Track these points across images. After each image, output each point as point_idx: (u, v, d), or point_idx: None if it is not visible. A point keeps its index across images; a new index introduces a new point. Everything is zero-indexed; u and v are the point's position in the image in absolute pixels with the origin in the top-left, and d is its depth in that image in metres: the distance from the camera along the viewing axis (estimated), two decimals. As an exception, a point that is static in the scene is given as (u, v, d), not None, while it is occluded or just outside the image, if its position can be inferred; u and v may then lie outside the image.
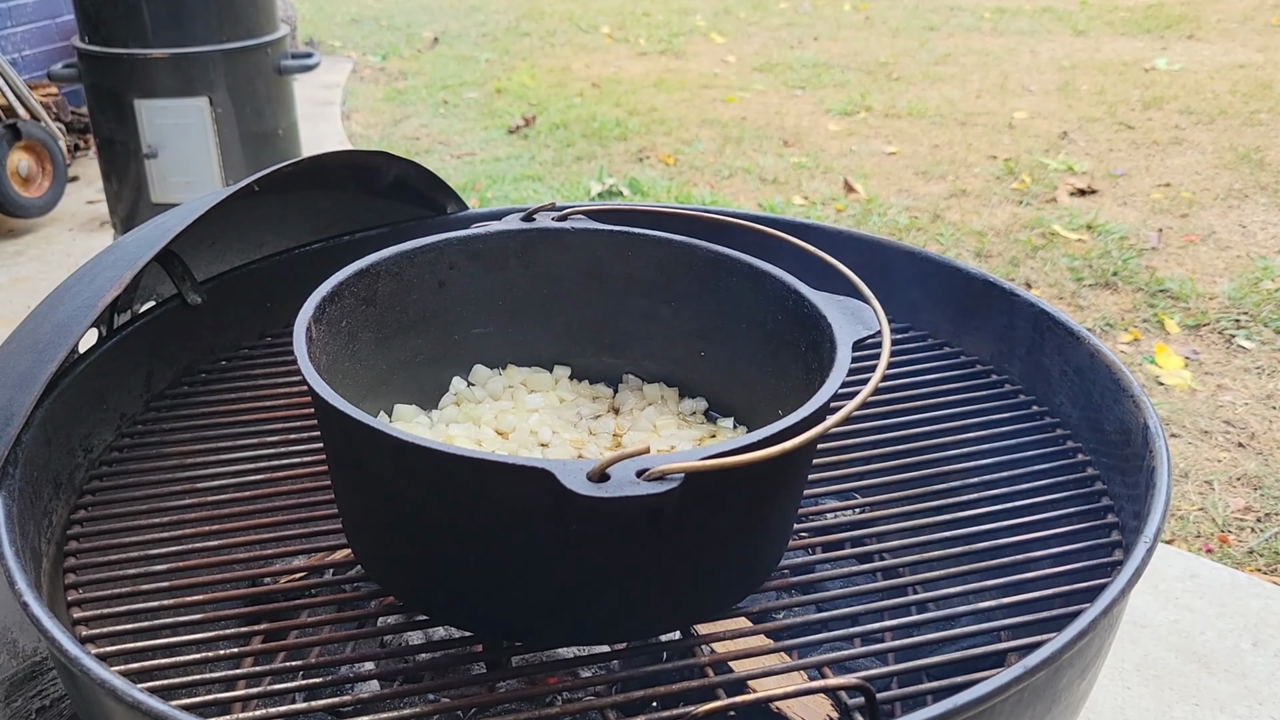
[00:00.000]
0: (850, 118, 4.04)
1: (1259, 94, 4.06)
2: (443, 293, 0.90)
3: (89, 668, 0.61)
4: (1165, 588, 1.49)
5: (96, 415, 0.94)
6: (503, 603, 0.67)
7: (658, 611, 0.70)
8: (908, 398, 1.00)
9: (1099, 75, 4.44)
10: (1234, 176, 3.27)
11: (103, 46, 2.26)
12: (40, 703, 0.93)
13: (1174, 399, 2.09)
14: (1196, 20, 5.37)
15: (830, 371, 0.71)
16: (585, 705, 0.67)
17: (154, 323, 1.02)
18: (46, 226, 3.16)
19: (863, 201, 3.15)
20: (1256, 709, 1.28)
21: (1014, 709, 0.62)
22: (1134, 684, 1.32)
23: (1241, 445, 1.96)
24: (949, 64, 4.76)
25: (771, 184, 3.36)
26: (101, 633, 0.72)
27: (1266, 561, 1.66)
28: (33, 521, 0.79)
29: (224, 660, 0.76)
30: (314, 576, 0.93)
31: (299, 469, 0.91)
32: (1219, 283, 2.57)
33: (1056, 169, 3.37)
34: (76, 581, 0.78)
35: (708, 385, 0.92)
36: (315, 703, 0.68)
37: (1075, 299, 2.52)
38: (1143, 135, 3.69)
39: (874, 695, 0.65)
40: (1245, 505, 1.79)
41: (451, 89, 4.59)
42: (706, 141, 3.78)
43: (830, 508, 0.99)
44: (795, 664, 0.70)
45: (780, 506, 0.73)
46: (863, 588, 0.78)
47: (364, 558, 0.75)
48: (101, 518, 0.85)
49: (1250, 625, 1.41)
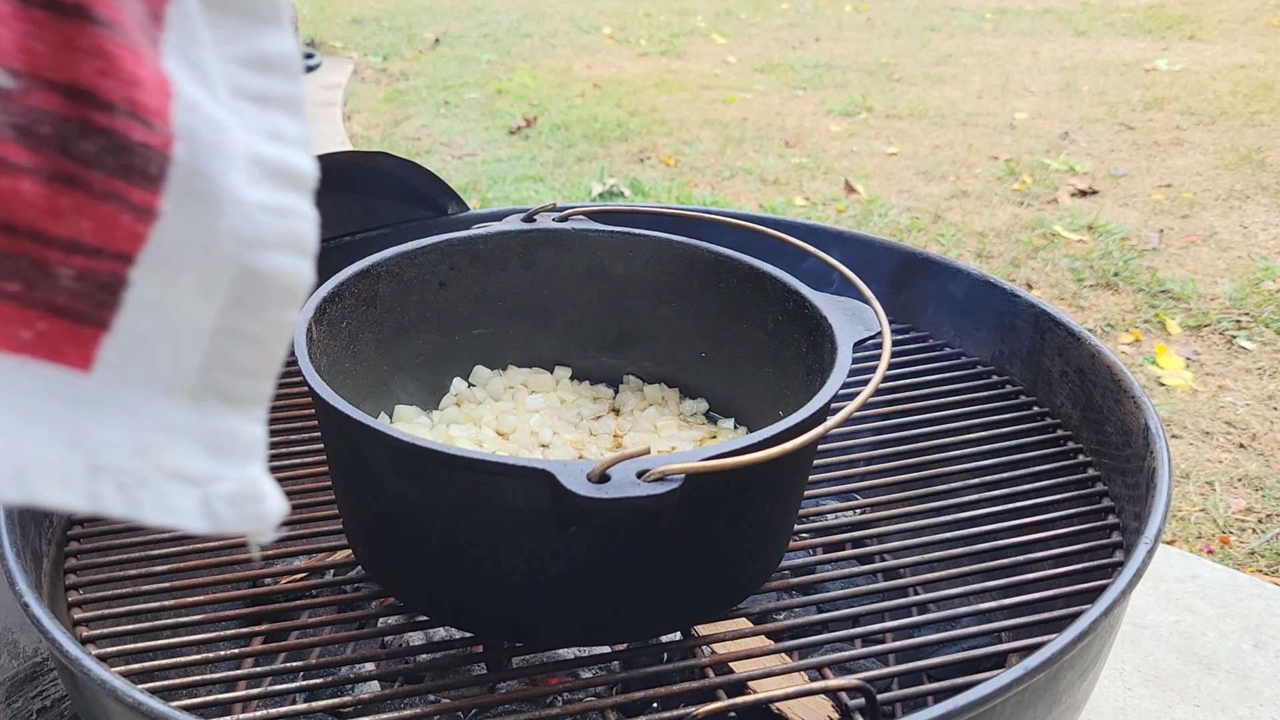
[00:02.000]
0: (851, 118, 4.04)
1: (1260, 94, 4.06)
2: (443, 293, 0.90)
3: (90, 668, 0.61)
4: (1166, 589, 1.48)
5: (97, 416, 0.94)
6: (503, 603, 0.67)
7: (658, 612, 0.70)
8: (909, 399, 1.00)
9: (1100, 76, 4.44)
10: (1235, 177, 3.27)
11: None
12: (41, 703, 0.93)
13: (1175, 400, 2.09)
14: (1198, 21, 5.37)
15: (831, 372, 0.71)
16: (586, 706, 0.67)
17: (155, 323, 1.02)
18: (48, 227, 3.17)
19: (864, 202, 3.15)
20: (1258, 710, 1.28)
21: (1015, 710, 0.62)
22: (1135, 685, 1.32)
23: (1243, 446, 1.96)
24: (950, 65, 4.76)
25: (772, 185, 3.36)
26: (102, 633, 0.72)
27: (1268, 562, 1.66)
28: (33, 522, 0.79)
29: (225, 661, 0.76)
30: (315, 577, 0.93)
31: (299, 469, 0.91)
32: (1220, 283, 2.57)
33: (1058, 170, 3.37)
34: (77, 582, 0.78)
35: (709, 386, 0.92)
36: (316, 703, 0.68)
37: (1076, 300, 2.52)
38: (1144, 136, 3.69)
39: (875, 696, 0.65)
40: (1246, 506, 1.79)
41: (453, 90, 4.59)
42: (707, 142, 3.78)
43: (831, 508, 0.99)
44: (796, 665, 0.70)
45: (781, 507, 0.73)
46: (864, 588, 0.78)
47: (364, 558, 0.75)
48: (102, 518, 0.85)
49: (1252, 626, 1.41)
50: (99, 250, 0.26)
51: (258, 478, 0.29)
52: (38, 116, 0.25)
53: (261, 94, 0.30)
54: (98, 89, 0.25)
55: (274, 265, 0.28)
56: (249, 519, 0.29)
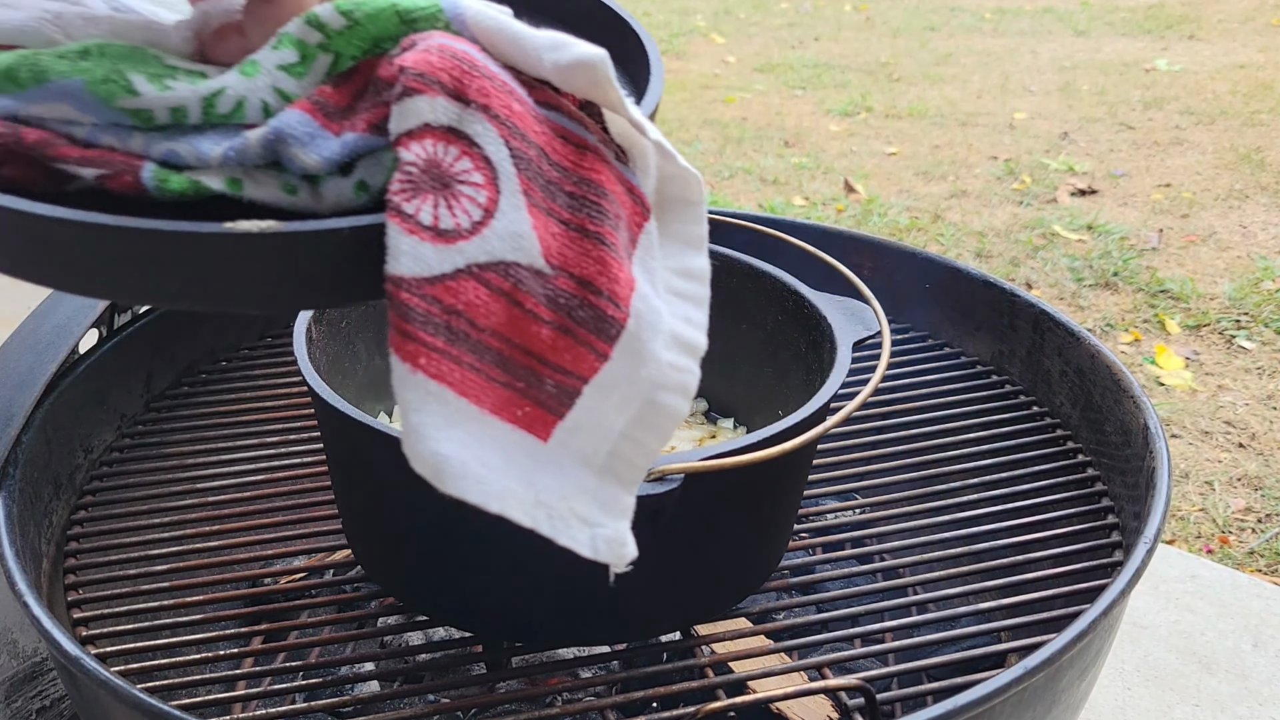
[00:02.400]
0: (851, 118, 4.04)
1: (1260, 94, 4.06)
2: (443, 293, 0.89)
3: (89, 668, 0.61)
4: (1165, 588, 1.49)
5: (97, 415, 0.94)
6: (502, 603, 0.67)
7: (658, 612, 0.70)
8: (908, 398, 1.00)
9: (1100, 75, 4.44)
10: (1235, 177, 3.27)
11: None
12: (40, 703, 0.93)
13: (1174, 399, 2.09)
14: (1197, 20, 5.37)
15: (830, 372, 0.71)
16: (585, 706, 0.67)
17: (154, 323, 1.02)
18: (47, 227, 3.17)
19: (863, 202, 3.15)
20: (1257, 710, 1.28)
21: (1014, 710, 0.62)
22: (1134, 685, 1.32)
23: (1242, 446, 1.96)
24: (950, 64, 4.76)
25: (772, 184, 3.36)
26: (102, 633, 0.72)
27: (1267, 562, 1.66)
28: (33, 522, 0.79)
29: (224, 660, 0.76)
30: (314, 577, 0.93)
31: (299, 469, 0.91)
32: (1220, 283, 2.57)
33: (1057, 169, 3.37)
34: (76, 582, 0.78)
35: (708, 386, 0.91)
36: (315, 703, 0.68)
37: (1076, 299, 2.52)
38: (1143, 135, 3.69)
39: (874, 696, 0.65)
40: (1246, 506, 1.79)
41: (452, 89, 4.58)
42: (707, 142, 3.78)
43: (830, 508, 0.99)
44: (795, 665, 0.70)
45: (780, 507, 0.73)
46: (863, 588, 0.78)
47: (364, 558, 0.75)
48: (102, 518, 0.86)
49: (1251, 626, 1.41)
50: (570, 373, 0.42)
51: (626, 531, 0.44)
52: (559, 292, 0.41)
53: (684, 293, 0.46)
54: (595, 280, 0.42)
55: (668, 401, 0.44)
56: (616, 557, 0.44)
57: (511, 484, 0.40)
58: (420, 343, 0.38)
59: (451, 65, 0.40)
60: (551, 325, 0.41)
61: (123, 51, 0.42)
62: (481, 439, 0.40)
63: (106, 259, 0.39)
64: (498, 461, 0.40)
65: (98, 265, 0.39)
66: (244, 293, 0.40)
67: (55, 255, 0.39)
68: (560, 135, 0.43)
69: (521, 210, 0.40)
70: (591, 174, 0.43)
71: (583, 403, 0.42)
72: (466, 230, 0.39)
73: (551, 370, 0.41)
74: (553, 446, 0.42)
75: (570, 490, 0.42)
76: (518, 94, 0.42)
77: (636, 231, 0.44)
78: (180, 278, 0.39)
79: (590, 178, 0.43)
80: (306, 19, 0.42)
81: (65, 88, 0.41)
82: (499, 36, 0.42)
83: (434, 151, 0.39)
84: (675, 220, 0.47)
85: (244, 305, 0.41)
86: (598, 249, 0.42)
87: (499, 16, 0.42)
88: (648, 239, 0.45)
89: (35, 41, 0.43)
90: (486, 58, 0.41)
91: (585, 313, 0.41)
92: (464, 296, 0.39)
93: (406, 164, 0.39)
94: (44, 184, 0.42)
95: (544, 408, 0.42)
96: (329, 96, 0.42)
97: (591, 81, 0.42)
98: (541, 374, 0.41)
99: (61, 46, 0.42)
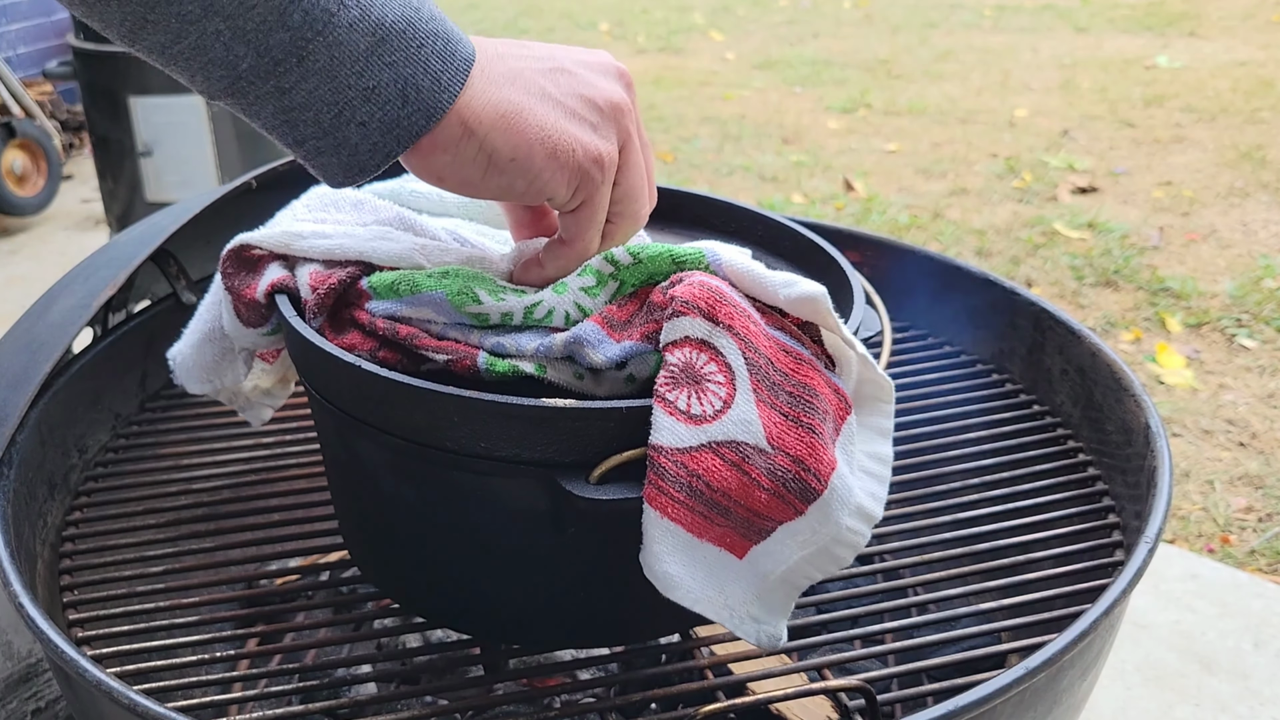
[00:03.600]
0: (850, 115, 4.04)
1: (1260, 91, 4.05)
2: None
3: (85, 669, 0.60)
4: (1166, 588, 1.48)
5: (91, 415, 0.93)
6: (500, 605, 0.67)
7: (657, 613, 0.69)
8: (908, 397, 1.00)
9: (1100, 73, 4.44)
10: (1235, 175, 3.26)
11: (97, 44, 2.25)
12: (36, 704, 0.92)
13: (1175, 398, 2.09)
14: (1198, 17, 5.37)
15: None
16: (584, 707, 0.67)
17: (149, 322, 1.01)
18: (41, 225, 3.16)
19: (863, 199, 3.15)
20: (1258, 709, 1.28)
21: (1015, 710, 0.62)
22: (1135, 685, 1.32)
23: (1243, 445, 1.96)
24: (949, 61, 4.76)
25: (771, 182, 3.36)
26: (97, 634, 0.72)
27: (1268, 561, 1.66)
28: (27, 522, 0.79)
29: (220, 662, 0.76)
30: (310, 578, 0.93)
31: (295, 470, 0.91)
32: (1220, 281, 2.56)
33: (1057, 167, 3.37)
34: (72, 583, 0.77)
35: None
36: (312, 705, 0.68)
37: (1076, 297, 2.52)
38: (1144, 133, 3.69)
39: (874, 697, 0.65)
40: (1247, 505, 1.79)
41: (451, 87, 4.58)
42: (705, 139, 3.78)
43: (830, 508, 0.99)
44: (795, 666, 0.70)
45: (780, 507, 0.73)
46: (863, 589, 0.77)
47: (360, 560, 0.75)
48: (97, 518, 0.85)
49: (1252, 626, 1.41)
50: (770, 519, 0.54)
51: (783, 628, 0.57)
52: (776, 467, 0.53)
53: (874, 473, 0.58)
54: (806, 460, 0.53)
55: (839, 553, 0.56)
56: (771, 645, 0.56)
57: (710, 593, 0.54)
58: (670, 497, 0.52)
59: (708, 296, 0.54)
60: (768, 491, 0.53)
61: (469, 274, 0.59)
62: (695, 559, 0.54)
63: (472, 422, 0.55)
64: (702, 576, 0.54)
65: (459, 426, 0.56)
66: (546, 445, 0.55)
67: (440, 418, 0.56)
68: (783, 350, 0.56)
69: (751, 404, 0.53)
70: (806, 379, 0.55)
71: (775, 537, 0.55)
72: (710, 416, 0.52)
73: (758, 518, 0.54)
74: (744, 564, 0.55)
75: (749, 597, 0.55)
76: (754, 318, 0.55)
77: (840, 422, 0.56)
78: (509, 436, 0.55)
79: (805, 382, 0.55)
80: (605, 256, 0.58)
81: (432, 298, 0.58)
82: (745, 278, 0.57)
83: (690, 357, 0.53)
84: (870, 414, 0.60)
85: (544, 454, 0.55)
86: (808, 436, 0.53)
87: (745, 262, 0.57)
88: (849, 429, 0.57)
89: (407, 264, 0.61)
90: (734, 291, 0.56)
91: (795, 484, 0.53)
92: (704, 464, 0.52)
93: (670, 364, 0.53)
94: (407, 365, 0.58)
95: (746, 537, 0.54)
96: (613, 314, 0.57)
97: (814, 311, 0.56)
98: (751, 521, 0.54)
99: (426, 270, 0.60)
